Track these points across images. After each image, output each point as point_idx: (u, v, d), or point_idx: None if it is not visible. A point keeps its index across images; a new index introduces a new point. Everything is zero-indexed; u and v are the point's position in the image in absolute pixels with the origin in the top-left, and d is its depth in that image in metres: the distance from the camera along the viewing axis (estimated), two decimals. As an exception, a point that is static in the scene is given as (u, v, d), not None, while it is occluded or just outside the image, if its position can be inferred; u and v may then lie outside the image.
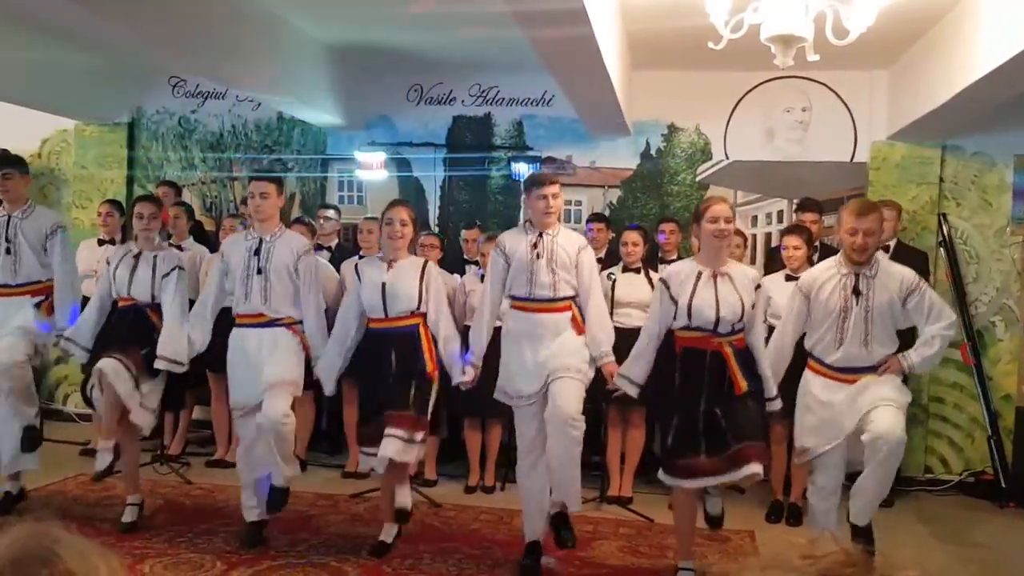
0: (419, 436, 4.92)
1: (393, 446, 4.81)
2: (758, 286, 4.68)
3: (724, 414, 4.46)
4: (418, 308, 5.01)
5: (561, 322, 4.87)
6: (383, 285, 4.99)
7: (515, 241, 4.97)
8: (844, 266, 4.60)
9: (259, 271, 5.09)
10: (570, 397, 4.69)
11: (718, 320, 4.51)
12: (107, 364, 5.16)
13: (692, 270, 4.64)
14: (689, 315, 4.55)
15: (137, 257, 5.37)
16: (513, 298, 4.96)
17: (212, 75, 6.79)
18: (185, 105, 8.54)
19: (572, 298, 4.91)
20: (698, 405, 4.51)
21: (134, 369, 5.22)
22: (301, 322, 5.19)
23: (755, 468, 4.37)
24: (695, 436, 4.50)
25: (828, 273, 4.67)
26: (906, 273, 4.62)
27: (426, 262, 5.18)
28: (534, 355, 4.83)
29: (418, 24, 6.21)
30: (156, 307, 5.35)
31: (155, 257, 5.37)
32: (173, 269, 5.39)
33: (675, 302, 4.60)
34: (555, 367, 4.76)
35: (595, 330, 4.91)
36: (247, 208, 5.53)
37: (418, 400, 4.92)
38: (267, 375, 5.01)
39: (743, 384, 4.49)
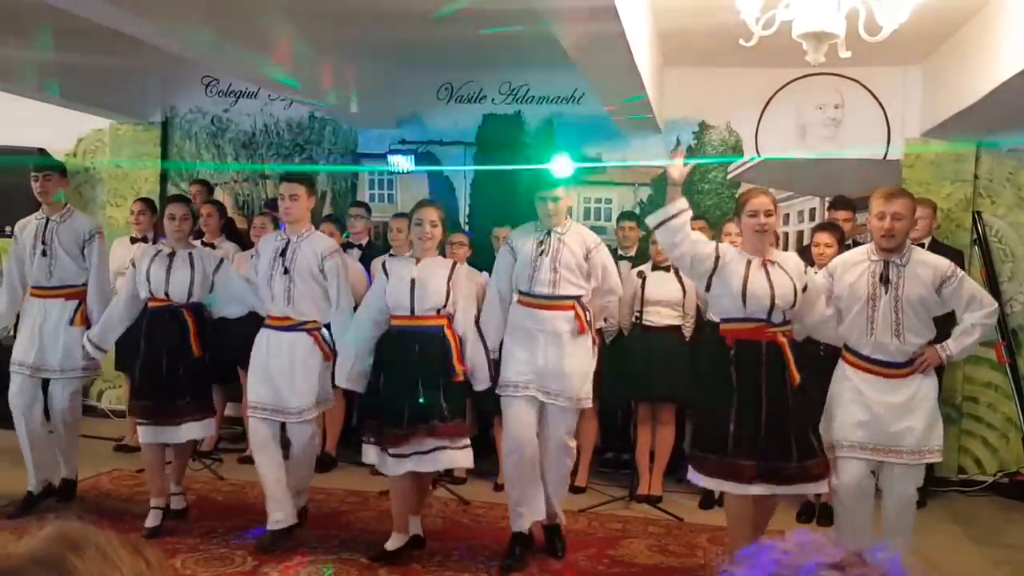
0: (462, 442, 4.94)
1: (439, 459, 4.91)
2: (806, 269, 4.58)
3: (790, 421, 4.34)
4: (444, 306, 4.97)
5: (560, 321, 4.89)
6: (412, 281, 4.96)
7: (523, 237, 5.06)
8: (874, 253, 4.47)
9: (284, 271, 5.12)
10: (563, 425, 4.98)
11: (772, 307, 4.37)
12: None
13: (741, 257, 4.47)
14: (744, 301, 4.37)
15: (172, 256, 5.37)
16: (518, 292, 5.04)
17: (244, 74, 6.84)
18: (218, 104, 8.61)
19: (577, 298, 4.93)
20: (759, 409, 4.32)
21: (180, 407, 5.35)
22: (324, 327, 5.22)
23: (824, 486, 4.48)
24: (754, 439, 4.29)
25: (858, 257, 4.53)
26: (940, 262, 4.45)
27: (455, 263, 5.15)
28: (530, 351, 4.91)
29: (448, 22, 6.22)
30: (192, 307, 5.36)
31: (190, 255, 5.39)
32: (220, 263, 5.47)
33: (718, 259, 4.44)
34: (552, 389, 4.88)
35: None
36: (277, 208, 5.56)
37: (451, 408, 4.90)
38: (292, 401, 5.11)
39: (797, 376, 4.36)
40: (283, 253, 5.15)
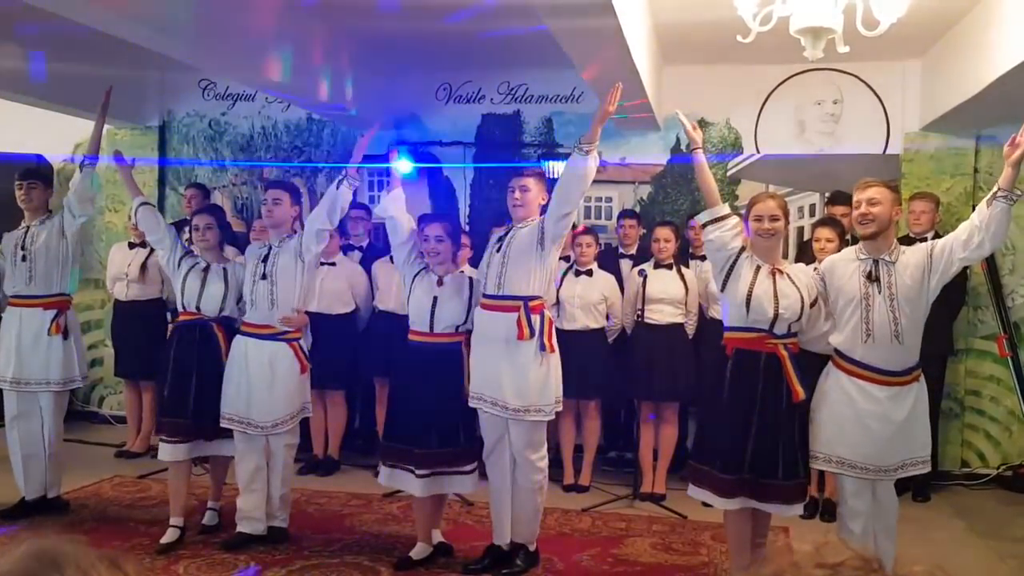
0: (468, 467, 4.93)
1: (431, 484, 4.86)
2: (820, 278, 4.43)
3: (780, 440, 4.23)
4: (464, 324, 4.93)
5: (506, 325, 4.68)
6: (434, 299, 4.88)
7: (497, 235, 4.99)
8: (863, 252, 4.29)
9: (263, 276, 5.10)
10: (520, 439, 4.77)
11: (776, 317, 4.22)
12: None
13: (752, 262, 4.32)
14: (748, 307, 4.23)
15: (206, 270, 5.31)
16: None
17: (240, 76, 6.82)
18: (215, 107, 8.59)
19: (525, 299, 4.69)
20: (750, 421, 4.22)
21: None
22: (300, 338, 5.19)
23: (798, 511, 4.42)
24: (741, 456, 4.22)
25: (848, 256, 4.37)
26: (920, 246, 4.30)
27: (470, 280, 5.06)
28: (483, 361, 4.77)
29: (446, 20, 6.21)
30: (221, 321, 5.30)
31: (224, 270, 5.33)
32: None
33: (742, 250, 4.31)
34: (514, 405, 4.69)
35: None
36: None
37: (464, 431, 4.90)
38: (267, 414, 5.07)
39: (801, 391, 4.18)
40: (264, 259, 5.14)
